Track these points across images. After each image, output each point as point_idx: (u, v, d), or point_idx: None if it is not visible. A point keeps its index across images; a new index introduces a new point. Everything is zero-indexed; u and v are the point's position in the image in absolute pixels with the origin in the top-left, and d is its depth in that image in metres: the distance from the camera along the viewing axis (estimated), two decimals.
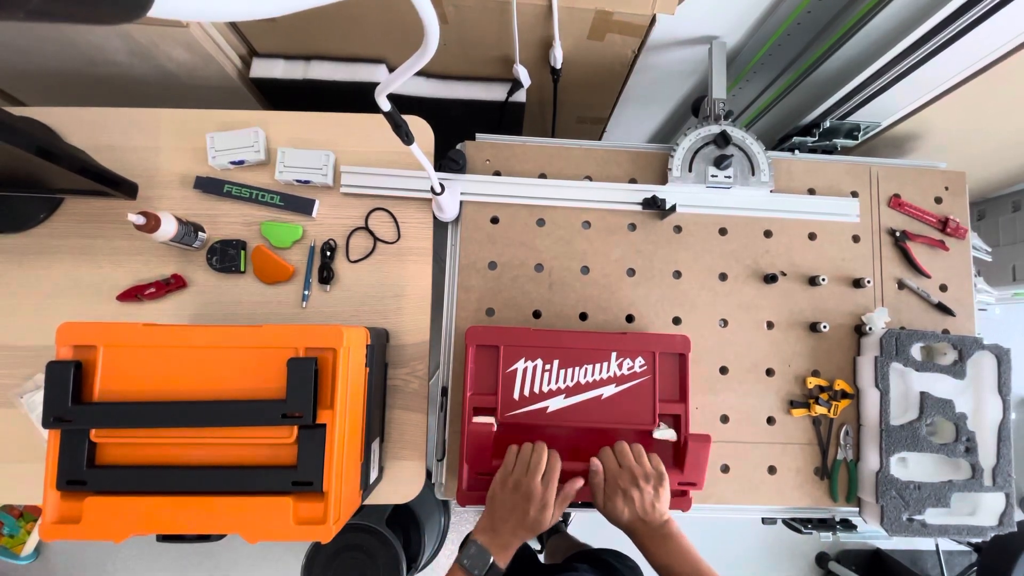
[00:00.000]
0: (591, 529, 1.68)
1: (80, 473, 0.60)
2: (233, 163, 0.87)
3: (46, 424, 0.60)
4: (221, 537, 0.63)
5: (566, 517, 1.67)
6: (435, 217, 0.89)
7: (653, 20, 0.88)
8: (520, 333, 0.79)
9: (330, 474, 0.61)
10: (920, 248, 0.95)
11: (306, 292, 0.86)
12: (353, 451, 0.68)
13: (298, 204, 0.87)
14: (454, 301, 0.89)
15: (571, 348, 0.79)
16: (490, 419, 0.77)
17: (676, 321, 0.91)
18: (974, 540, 0.88)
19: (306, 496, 0.61)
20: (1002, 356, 0.86)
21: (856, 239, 0.95)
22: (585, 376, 0.78)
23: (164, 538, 0.62)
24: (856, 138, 1.06)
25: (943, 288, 0.95)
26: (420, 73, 1.06)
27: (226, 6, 0.33)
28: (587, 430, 0.79)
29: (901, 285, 0.94)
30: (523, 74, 1.01)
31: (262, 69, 1.02)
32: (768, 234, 0.94)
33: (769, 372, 0.91)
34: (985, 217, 1.55)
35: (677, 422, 0.79)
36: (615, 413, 0.78)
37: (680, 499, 0.75)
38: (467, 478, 0.77)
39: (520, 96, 1.07)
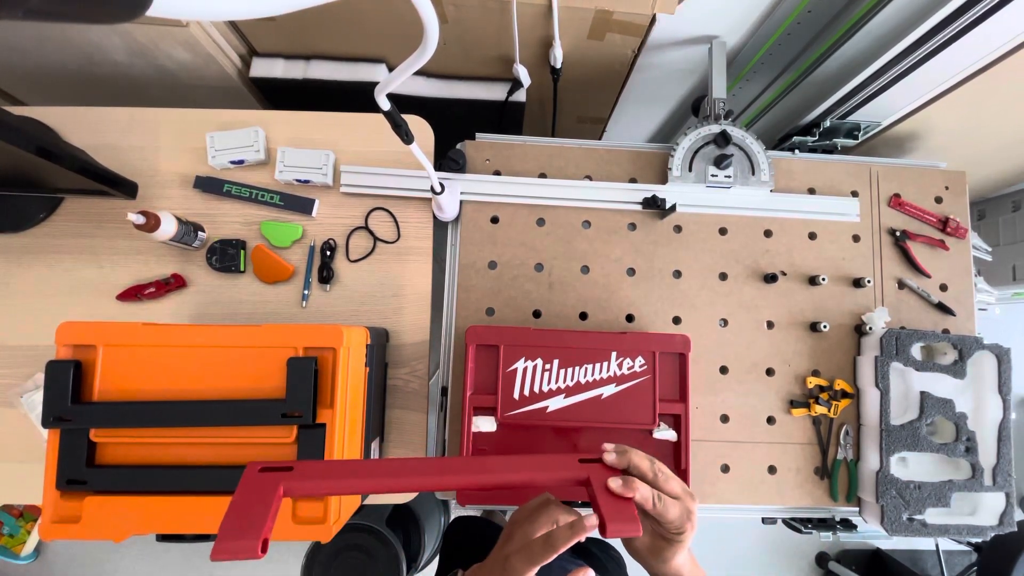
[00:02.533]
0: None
1: (80, 473, 0.60)
2: (233, 163, 0.87)
3: (46, 424, 0.60)
4: None
5: None
6: (435, 217, 0.89)
7: (653, 20, 0.88)
8: (520, 333, 0.79)
9: None
10: (920, 248, 0.95)
11: (306, 292, 0.86)
12: (353, 451, 0.68)
13: (298, 204, 0.87)
14: (454, 301, 0.89)
15: (571, 348, 0.79)
16: (490, 419, 0.77)
17: (676, 321, 0.91)
18: (974, 540, 0.88)
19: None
20: (1002, 356, 0.86)
21: (856, 239, 0.95)
22: (585, 376, 0.78)
23: (164, 538, 0.62)
24: (856, 138, 1.06)
25: (943, 288, 0.95)
26: (420, 72, 1.06)
27: (226, 5, 0.33)
28: (587, 430, 0.79)
29: (901, 285, 0.94)
30: (523, 74, 1.01)
31: (262, 69, 1.02)
32: (768, 234, 0.94)
33: (769, 372, 0.91)
34: (985, 217, 1.55)
35: (677, 422, 0.79)
36: (615, 413, 0.78)
37: None
38: None
39: (520, 96, 1.07)
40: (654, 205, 0.90)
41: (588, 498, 0.45)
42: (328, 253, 0.87)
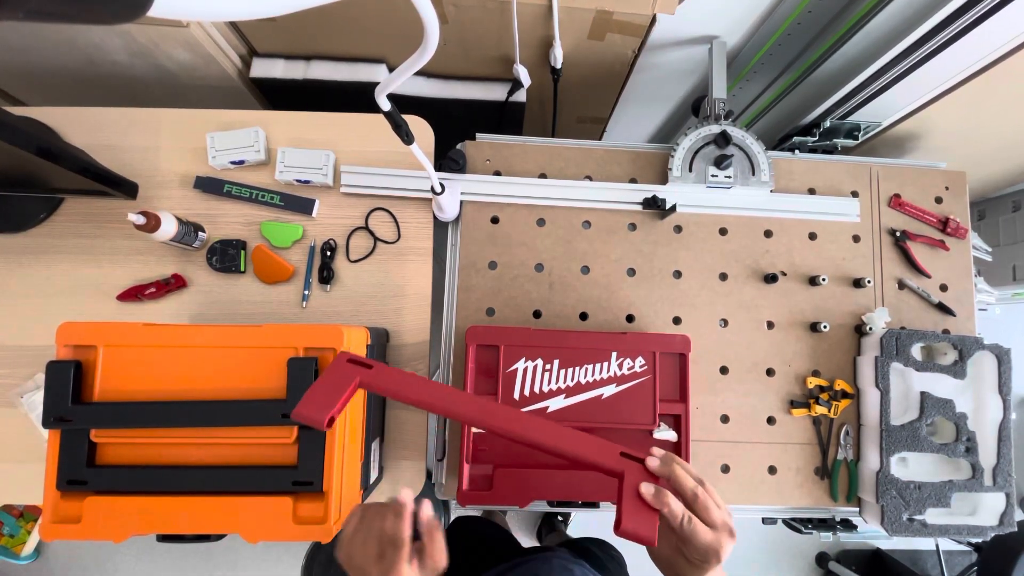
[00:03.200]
0: (592, 530, 1.68)
1: (80, 473, 0.60)
2: (233, 163, 0.87)
3: (46, 424, 0.60)
4: (221, 537, 0.63)
5: (566, 517, 1.67)
6: (435, 217, 0.89)
7: (653, 20, 0.88)
8: (520, 333, 0.79)
9: (330, 474, 0.61)
10: (920, 248, 0.95)
11: (306, 292, 0.86)
12: (353, 451, 0.68)
13: (298, 204, 0.87)
14: (454, 301, 0.89)
15: (571, 348, 0.79)
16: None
17: (676, 321, 0.91)
18: (974, 540, 0.88)
19: (306, 496, 0.61)
20: (1002, 356, 0.86)
21: (856, 239, 0.95)
22: (585, 376, 0.78)
23: (164, 538, 0.62)
24: (856, 138, 1.06)
25: (943, 288, 0.95)
26: (420, 73, 1.06)
27: (226, 6, 0.33)
28: (587, 430, 0.79)
29: (901, 285, 0.94)
30: (523, 74, 1.01)
31: (262, 69, 1.02)
32: (768, 234, 0.94)
33: (769, 372, 0.91)
34: (985, 217, 1.55)
35: (677, 422, 0.79)
36: (615, 413, 0.78)
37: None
38: (467, 478, 0.77)
39: (520, 96, 1.07)
40: (654, 205, 0.90)
41: (616, 494, 0.45)
42: (328, 253, 0.87)
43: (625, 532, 0.42)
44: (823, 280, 0.91)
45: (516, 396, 0.78)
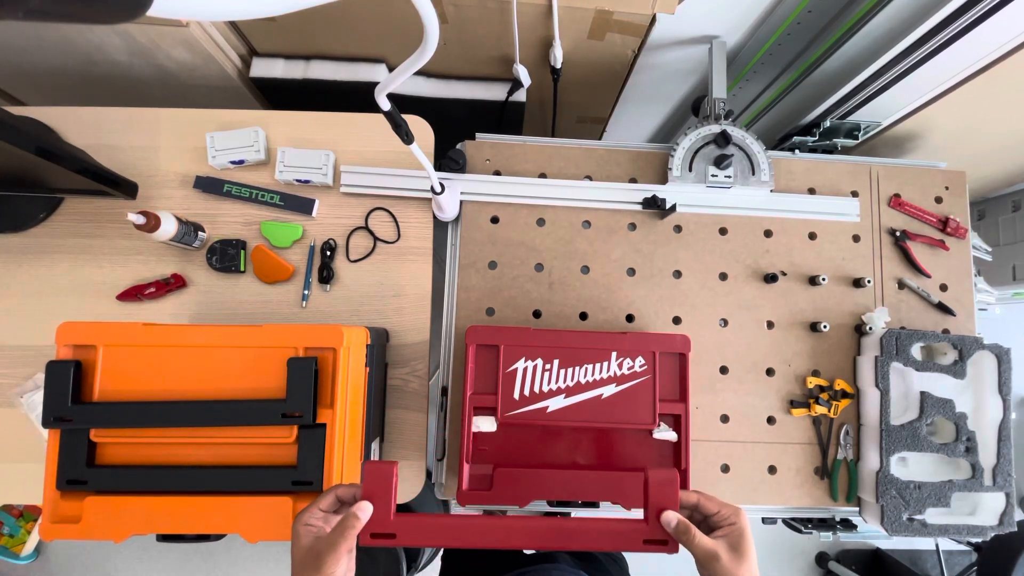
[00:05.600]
0: None
1: (80, 473, 0.60)
2: (233, 163, 0.87)
3: (46, 424, 0.60)
4: (221, 537, 0.63)
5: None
6: (435, 217, 0.89)
7: (653, 20, 0.88)
8: (520, 333, 0.79)
9: (330, 474, 0.61)
10: (920, 248, 0.95)
11: (306, 292, 0.86)
12: (353, 451, 0.68)
13: (298, 204, 0.87)
14: (454, 301, 0.89)
15: (571, 348, 0.79)
16: (490, 419, 0.77)
17: (676, 321, 0.91)
18: (974, 540, 0.88)
19: (306, 496, 0.61)
20: (1002, 356, 0.86)
21: (856, 239, 0.95)
22: (585, 376, 0.78)
23: (164, 538, 0.62)
24: (856, 138, 1.06)
25: (943, 288, 0.95)
26: (420, 73, 1.06)
27: (226, 5, 0.33)
28: (587, 430, 0.79)
29: (901, 285, 0.94)
30: (523, 74, 1.01)
31: (262, 69, 1.02)
32: (768, 234, 0.94)
33: (769, 372, 0.91)
34: (985, 217, 1.55)
35: (677, 422, 0.79)
36: (615, 413, 0.78)
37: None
38: (467, 478, 0.77)
39: (520, 96, 1.07)
40: (654, 205, 0.90)
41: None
42: (328, 253, 0.87)
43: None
44: (823, 280, 0.91)
45: (516, 396, 0.78)
